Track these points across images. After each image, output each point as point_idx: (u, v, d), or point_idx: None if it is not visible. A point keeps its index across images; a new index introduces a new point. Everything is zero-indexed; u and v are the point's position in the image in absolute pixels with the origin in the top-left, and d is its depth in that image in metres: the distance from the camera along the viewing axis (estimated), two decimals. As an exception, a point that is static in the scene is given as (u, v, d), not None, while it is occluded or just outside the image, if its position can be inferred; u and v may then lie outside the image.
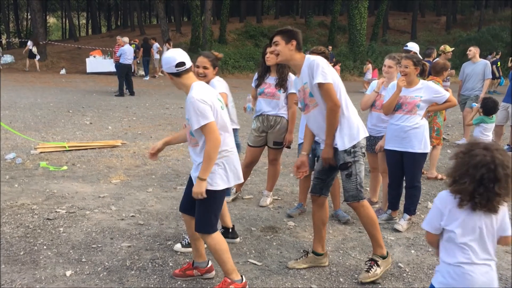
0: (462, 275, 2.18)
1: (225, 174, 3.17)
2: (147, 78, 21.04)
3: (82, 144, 7.75)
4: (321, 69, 3.32)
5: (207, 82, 3.99)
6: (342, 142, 3.43)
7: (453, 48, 8.56)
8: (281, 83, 4.89)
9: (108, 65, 21.45)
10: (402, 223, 4.58)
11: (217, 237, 3.21)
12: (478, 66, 8.35)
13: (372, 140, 4.92)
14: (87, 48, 26.64)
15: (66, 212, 4.75)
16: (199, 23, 27.28)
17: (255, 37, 31.84)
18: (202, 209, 3.18)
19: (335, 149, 3.46)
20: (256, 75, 5.11)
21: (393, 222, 4.69)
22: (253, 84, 5.12)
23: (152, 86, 18.64)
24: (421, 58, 5.39)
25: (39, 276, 3.43)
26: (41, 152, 7.17)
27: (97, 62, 22.56)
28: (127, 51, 14.88)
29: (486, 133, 6.06)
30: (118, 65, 15.11)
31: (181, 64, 3.07)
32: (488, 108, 6.00)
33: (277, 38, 3.45)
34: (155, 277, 3.49)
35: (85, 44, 29.86)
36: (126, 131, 9.27)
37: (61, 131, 9.02)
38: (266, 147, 5.15)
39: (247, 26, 33.94)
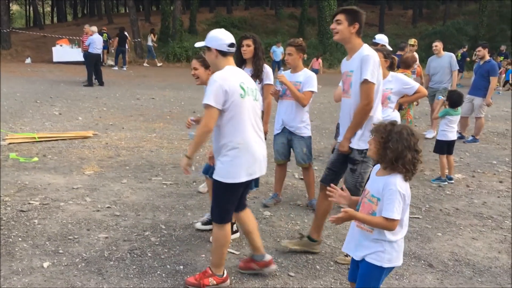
0: (402, 244, 2.47)
1: (232, 168, 3.06)
2: (116, 68, 20.69)
3: (52, 135, 7.62)
4: (372, 67, 3.31)
5: (203, 83, 3.93)
6: (357, 141, 3.47)
7: (414, 41, 9.25)
8: (257, 74, 4.93)
9: (76, 54, 20.92)
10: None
11: (225, 229, 3.20)
12: (444, 59, 8.64)
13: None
14: (53, 36, 25.91)
15: (39, 204, 4.69)
16: (169, 13, 26.95)
17: (226, 28, 30.64)
18: (212, 199, 3.24)
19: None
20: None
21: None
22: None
23: (121, 76, 18.36)
24: (391, 51, 5.55)
25: (16, 268, 3.40)
26: (10, 143, 7.02)
27: (64, 51, 22.02)
28: (96, 40, 14.64)
29: (452, 125, 6.20)
30: (86, 54, 14.84)
31: (233, 45, 3.16)
32: (453, 100, 6.16)
33: (340, 17, 3.37)
34: (134, 267, 3.51)
35: (51, 32, 29.01)
36: (97, 122, 9.15)
37: (29, 121, 8.83)
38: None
39: (218, 17, 33.77)
